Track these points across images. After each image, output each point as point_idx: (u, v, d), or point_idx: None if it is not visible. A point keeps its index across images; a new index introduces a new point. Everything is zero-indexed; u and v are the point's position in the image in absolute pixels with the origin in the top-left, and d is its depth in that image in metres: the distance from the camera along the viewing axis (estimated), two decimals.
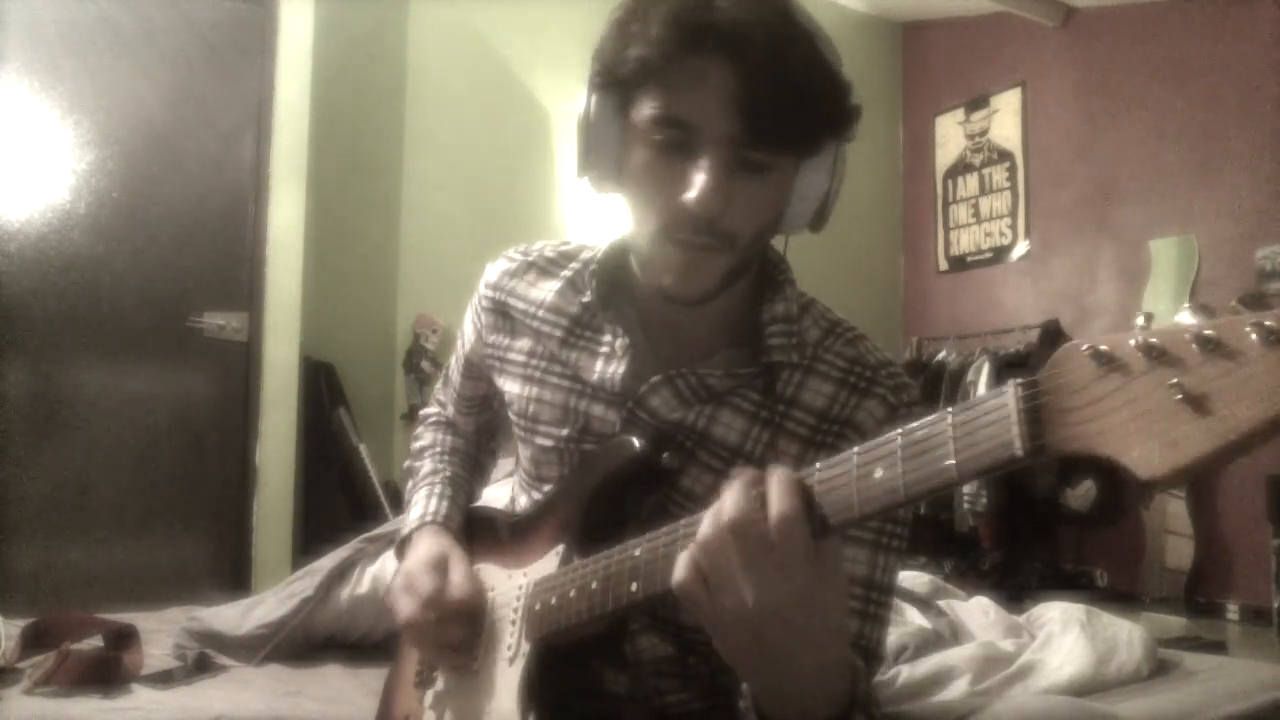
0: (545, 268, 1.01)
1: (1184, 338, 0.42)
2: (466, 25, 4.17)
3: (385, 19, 4.01)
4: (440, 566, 0.97)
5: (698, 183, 0.79)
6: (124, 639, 1.58)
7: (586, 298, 0.95)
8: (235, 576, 3.04)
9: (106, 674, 1.45)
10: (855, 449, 0.60)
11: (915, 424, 0.56)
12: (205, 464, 3.07)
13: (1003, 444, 0.50)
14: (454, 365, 1.16)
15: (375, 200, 3.94)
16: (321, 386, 3.57)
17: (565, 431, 0.95)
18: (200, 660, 1.60)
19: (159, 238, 3.01)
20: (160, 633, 1.78)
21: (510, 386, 1.01)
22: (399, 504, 3.50)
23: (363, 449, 3.54)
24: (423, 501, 1.09)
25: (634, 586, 0.74)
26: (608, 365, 0.93)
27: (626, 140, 0.85)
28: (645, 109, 0.82)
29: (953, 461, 0.53)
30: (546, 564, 0.90)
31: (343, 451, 3.53)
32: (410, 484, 1.16)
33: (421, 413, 1.25)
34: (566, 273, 0.99)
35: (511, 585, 0.95)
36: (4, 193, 2.83)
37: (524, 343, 1.00)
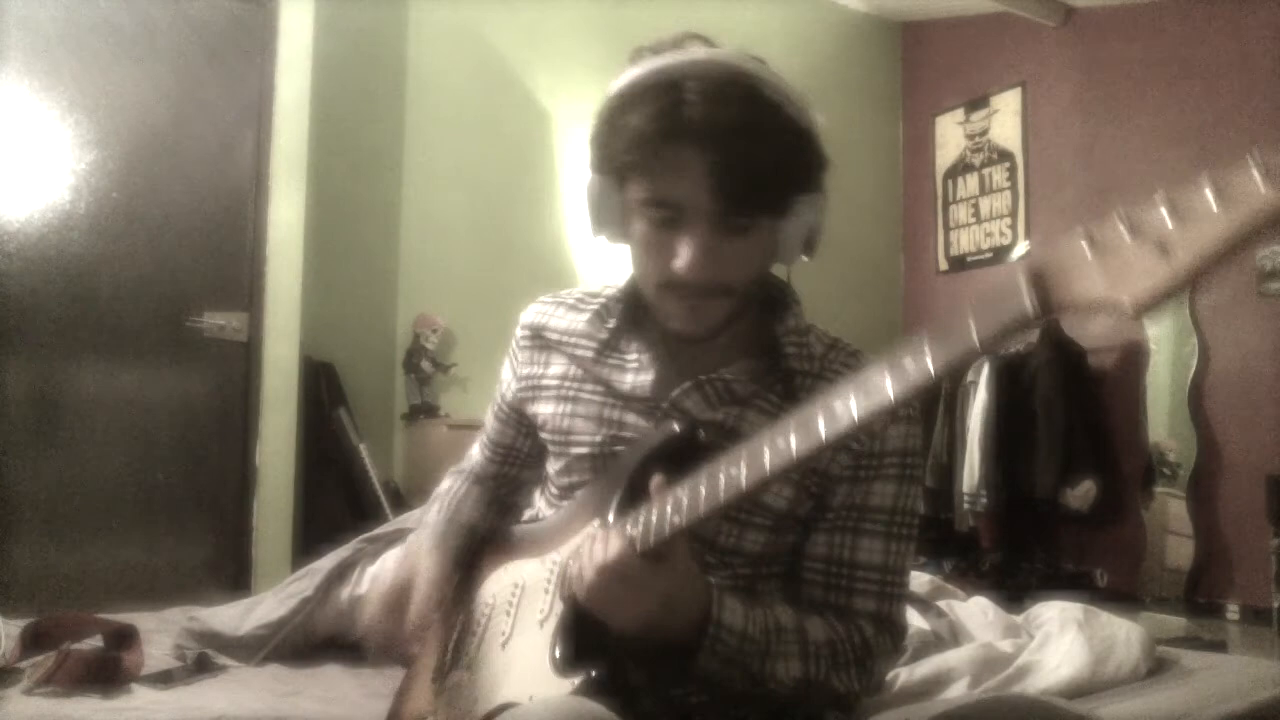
0: (574, 305, 1.13)
1: (1156, 208, 0.55)
2: (466, 25, 4.17)
3: (385, 19, 4.01)
4: (407, 576, 1.08)
5: (684, 254, 0.92)
6: (124, 639, 1.58)
7: (612, 324, 1.06)
8: (235, 576, 3.04)
9: (106, 674, 1.45)
10: (885, 363, 0.70)
11: (939, 323, 0.66)
12: (205, 464, 3.07)
13: (1016, 305, 0.61)
14: (489, 415, 1.24)
15: (375, 200, 3.94)
16: (321, 386, 3.57)
17: (599, 438, 1.03)
18: (200, 660, 1.61)
19: (159, 238, 3.02)
20: (160, 633, 1.78)
21: (544, 409, 1.10)
22: (399, 504, 3.50)
23: (363, 449, 3.54)
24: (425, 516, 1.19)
25: (676, 519, 0.83)
26: (637, 376, 1.03)
27: (627, 208, 0.98)
28: (637, 191, 0.95)
29: (974, 330, 0.63)
30: (584, 535, 0.96)
31: (343, 451, 3.53)
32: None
33: (451, 469, 1.31)
34: (593, 305, 1.10)
35: (545, 566, 1.01)
36: (4, 193, 2.83)
37: (558, 368, 1.11)
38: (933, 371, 0.66)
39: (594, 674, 0.86)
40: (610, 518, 0.93)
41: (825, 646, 0.94)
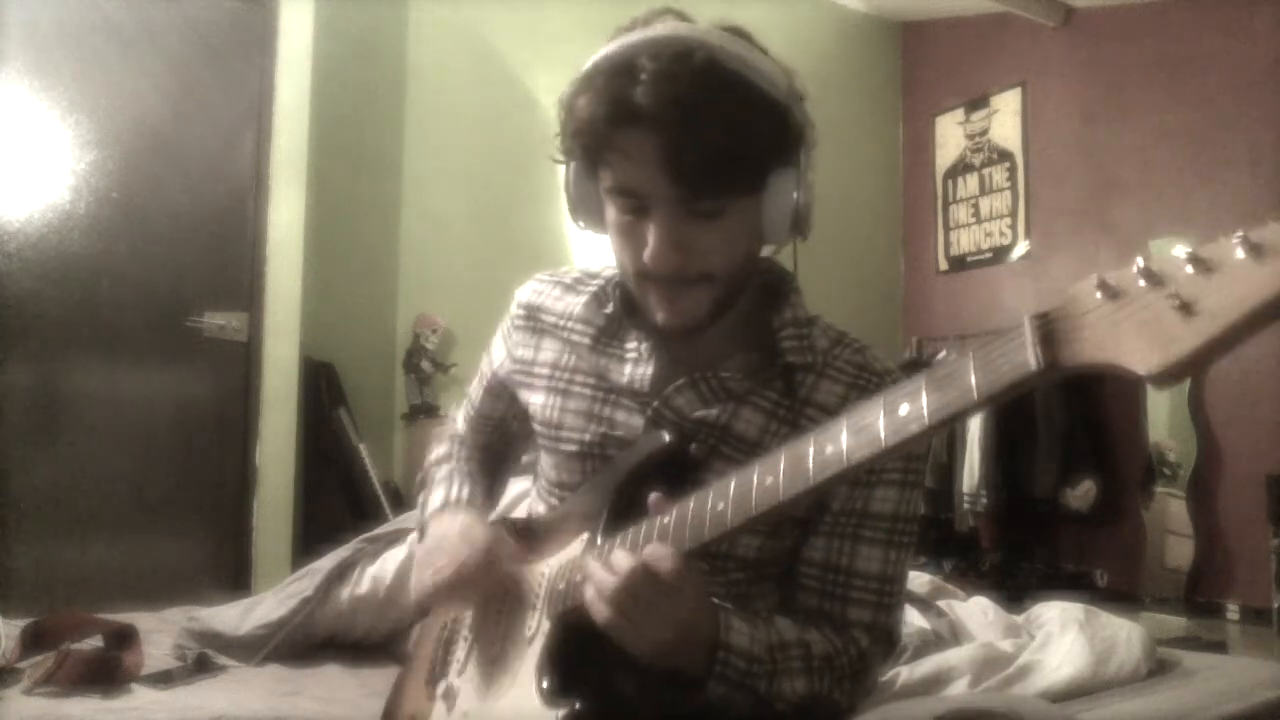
0: (571, 285, 1.10)
1: (1178, 260, 0.49)
2: (466, 25, 4.17)
3: (385, 19, 4.01)
4: (468, 532, 1.00)
5: (651, 244, 0.89)
6: (124, 639, 1.58)
7: (610, 309, 1.03)
8: (235, 576, 3.04)
9: (106, 674, 1.45)
10: (882, 394, 0.67)
11: (939, 364, 0.63)
12: (205, 464, 3.07)
13: (1020, 362, 0.56)
14: (475, 385, 1.21)
15: (375, 200, 3.94)
16: (321, 386, 3.57)
17: (589, 436, 1.00)
18: (200, 660, 1.60)
19: (159, 238, 3.01)
20: (160, 633, 1.78)
21: (535, 398, 1.07)
22: (399, 504, 3.50)
23: (363, 449, 3.54)
24: (442, 492, 1.12)
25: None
26: (636, 368, 1.00)
27: (601, 197, 0.95)
28: (602, 180, 0.93)
29: (974, 384, 0.59)
30: (571, 550, 0.95)
31: (343, 451, 3.53)
32: (424, 491, 1.18)
33: (436, 430, 1.28)
34: (591, 288, 1.06)
35: (534, 576, 0.98)
36: (4, 193, 2.82)
37: (550, 355, 1.07)
38: (928, 422, 0.62)
39: (579, 706, 0.84)
40: (599, 535, 0.91)
41: (825, 660, 0.92)
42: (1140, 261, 0.51)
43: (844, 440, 0.68)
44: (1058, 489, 4.37)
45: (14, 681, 1.44)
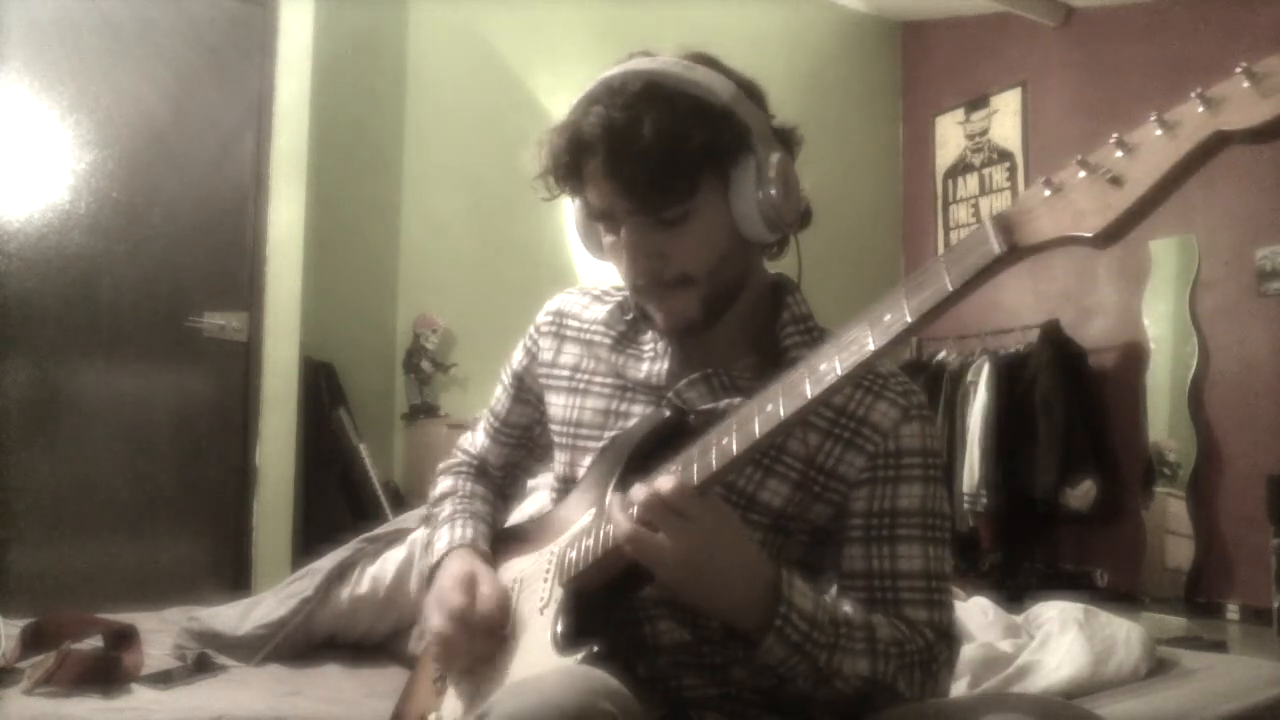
0: (599, 296, 1.16)
1: (1109, 148, 0.61)
2: (466, 25, 4.17)
3: (385, 19, 4.01)
4: (469, 583, 1.03)
5: (623, 257, 0.98)
6: (124, 639, 1.58)
7: (630, 316, 1.10)
8: (235, 576, 3.04)
9: (106, 674, 1.45)
10: (864, 319, 0.74)
11: (912, 274, 0.70)
12: (205, 464, 3.07)
13: (985, 251, 0.66)
14: (501, 393, 1.23)
15: (375, 200, 3.94)
16: (321, 386, 3.57)
17: (605, 434, 1.05)
18: (200, 660, 1.60)
19: (159, 238, 3.01)
20: (160, 633, 1.78)
21: (556, 399, 1.13)
22: (399, 504, 3.50)
23: (363, 449, 3.54)
24: (447, 533, 1.14)
25: (706, 462, 0.84)
26: (653, 364, 1.05)
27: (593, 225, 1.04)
28: (584, 210, 1.02)
29: (946, 276, 0.67)
30: (581, 524, 0.98)
31: (343, 451, 3.53)
32: (430, 529, 1.20)
33: (441, 465, 1.29)
34: (617, 298, 1.13)
35: (543, 558, 1.01)
36: (4, 193, 2.83)
37: (571, 359, 1.13)
38: (909, 319, 0.69)
39: (596, 649, 0.85)
40: (608, 499, 0.93)
41: (893, 645, 0.91)
42: (1078, 157, 0.63)
43: (835, 356, 0.74)
44: (1058, 489, 4.36)
45: (14, 681, 1.44)
